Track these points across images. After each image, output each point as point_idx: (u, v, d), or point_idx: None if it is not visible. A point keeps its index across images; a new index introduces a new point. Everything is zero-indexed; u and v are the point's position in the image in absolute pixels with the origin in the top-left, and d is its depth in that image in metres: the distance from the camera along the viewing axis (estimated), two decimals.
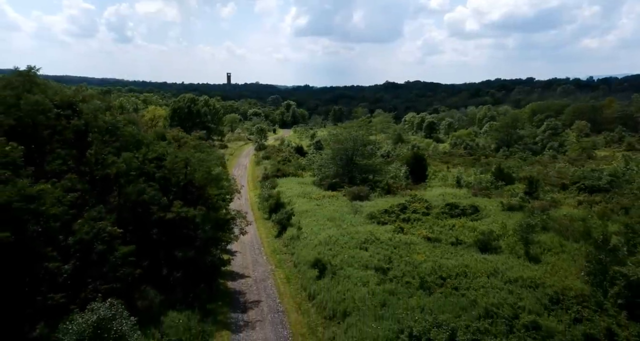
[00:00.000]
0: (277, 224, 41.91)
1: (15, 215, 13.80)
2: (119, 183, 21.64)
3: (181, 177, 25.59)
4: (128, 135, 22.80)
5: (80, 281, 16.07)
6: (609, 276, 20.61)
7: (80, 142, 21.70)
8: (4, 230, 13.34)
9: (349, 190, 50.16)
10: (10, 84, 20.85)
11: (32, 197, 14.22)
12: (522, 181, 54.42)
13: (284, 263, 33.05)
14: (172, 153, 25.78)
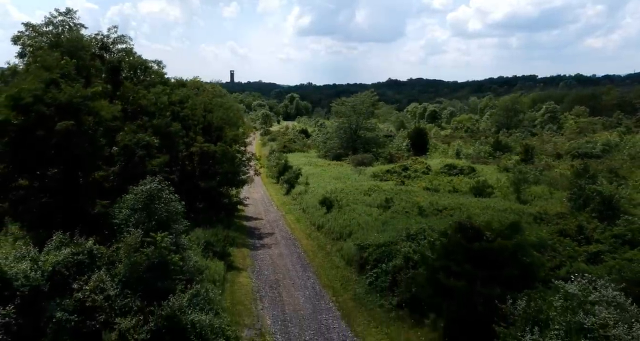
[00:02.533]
0: (285, 184, 44.42)
1: (75, 110, 16.43)
2: (149, 115, 24.21)
3: (201, 119, 28.21)
4: (155, 73, 25.43)
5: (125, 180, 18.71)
6: (585, 195, 23.09)
7: (114, 77, 24.30)
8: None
9: (352, 158, 52.83)
10: (51, 22, 23.40)
11: (87, 97, 16.86)
12: (520, 154, 56.74)
13: (293, 210, 35.60)
14: (192, 98, 28.39)
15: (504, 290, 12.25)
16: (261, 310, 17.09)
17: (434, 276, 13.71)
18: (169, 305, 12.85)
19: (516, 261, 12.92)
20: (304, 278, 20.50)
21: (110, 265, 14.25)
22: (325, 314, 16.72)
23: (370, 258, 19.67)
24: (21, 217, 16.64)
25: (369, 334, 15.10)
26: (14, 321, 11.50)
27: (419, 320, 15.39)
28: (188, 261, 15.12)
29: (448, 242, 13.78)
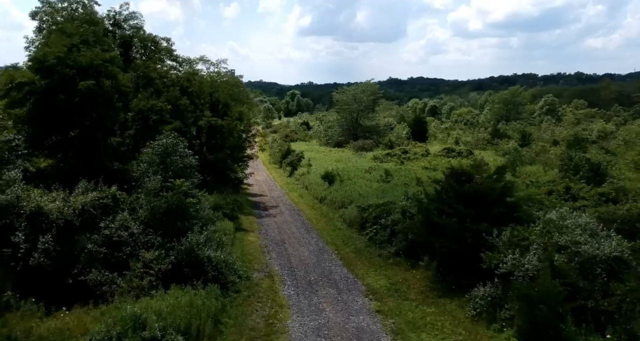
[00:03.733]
0: (288, 166, 45.67)
1: (95, 72, 17.72)
2: (159, 88, 25.47)
3: (207, 96, 29.51)
4: (165, 49, 26.73)
5: (139, 144, 20.01)
6: (575, 163, 24.36)
7: (125, 52, 25.56)
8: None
9: (354, 144, 54.18)
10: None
11: (107, 60, 18.15)
12: (517, 140, 57.85)
13: (297, 189, 36.87)
14: (199, 76, 29.68)
15: (491, 226, 13.51)
16: (269, 260, 18.38)
17: (428, 218, 15.01)
18: (187, 241, 14.16)
19: (503, 201, 14.21)
20: (307, 238, 21.78)
21: (132, 211, 15.55)
22: (328, 263, 18.00)
23: (370, 217, 20.97)
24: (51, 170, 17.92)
25: (368, 276, 16.38)
26: (52, 248, 12.83)
27: (414, 263, 16.70)
28: (201, 210, 16.40)
29: (441, 187, 15.07)
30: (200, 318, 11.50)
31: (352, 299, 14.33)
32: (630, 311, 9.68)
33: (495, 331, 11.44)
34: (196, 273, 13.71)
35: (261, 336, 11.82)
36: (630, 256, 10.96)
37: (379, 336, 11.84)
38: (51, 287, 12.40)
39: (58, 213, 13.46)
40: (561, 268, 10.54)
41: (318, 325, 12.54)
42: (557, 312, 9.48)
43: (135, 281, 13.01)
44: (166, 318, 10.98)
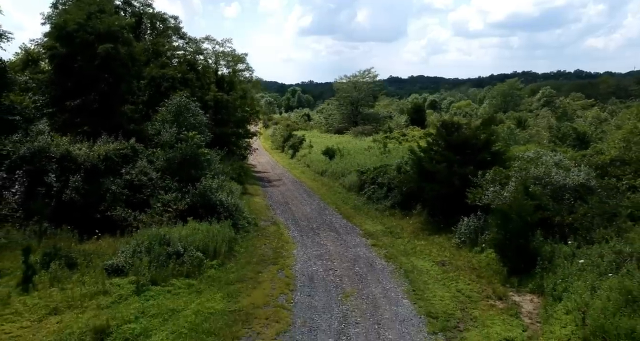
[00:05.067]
0: (290, 149, 47.12)
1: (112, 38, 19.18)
2: (167, 64, 26.88)
3: (212, 74, 30.93)
4: (173, 27, 28.16)
5: (151, 109, 21.46)
6: (562, 132, 25.77)
7: (136, 28, 26.96)
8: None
9: (354, 130, 55.63)
10: None
11: (123, 27, 19.62)
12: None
13: (298, 167, 38.34)
14: (205, 53, 31.13)
15: (476, 169, 14.94)
16: (274, 215, 19.83)
17: (420, 166, 16.46)
18: (201, 185, 15.63)
19: (488, 149, 15.65)
20: (309, 200, 23.23)
21: (150, 162, 17.00)
22: (329, 216, 19.45)
23: (368, 178, 22.43)
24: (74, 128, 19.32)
25: (365, 224, 17.83)
26: (82, 187, 14.31)
27: (407, 213, 18.17)
28: (212, 162, 17.85)
29: (433, 139, 16.52)
30: (216, 241, 12.96)
31: (350, 239, 15.78)
32: (589, 224, 11.11)
33: (476, 252, 12.90)
34: (210, 213, 15.15)
35: (270, 258, 13.27)
36: (596, 184, 12.40)
37: (373, 260, 13.29)
38: (82, 220, 13.85)
39: (85, 157, 14.93)
40: (534, 193, 11.97)
41: (320, 253, 14.00)
42: (527, 222, 10.94)
43: (156, 217, 14.46)
44: (186, 239, 12.45)
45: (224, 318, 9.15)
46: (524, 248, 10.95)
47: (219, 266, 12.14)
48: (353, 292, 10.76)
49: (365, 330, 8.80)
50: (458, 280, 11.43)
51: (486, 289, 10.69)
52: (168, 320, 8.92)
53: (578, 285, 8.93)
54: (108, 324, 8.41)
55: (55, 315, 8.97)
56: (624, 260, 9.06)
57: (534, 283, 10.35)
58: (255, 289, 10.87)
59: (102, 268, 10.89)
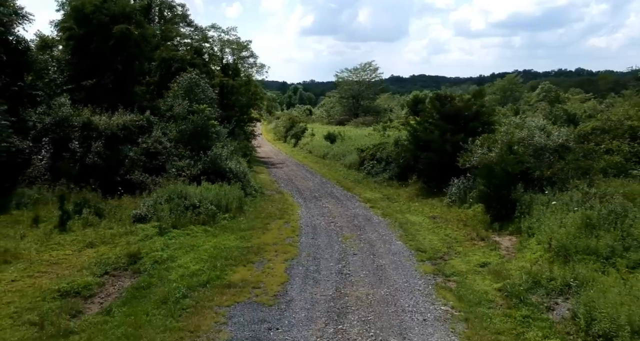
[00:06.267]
0: (292, 138, 48.36)
1: (126, 19, 20.44)
2: (176, 49, 28.10)
3: (218, 60, 32.18)
4: (181, 15, 29.42)
5: (162, 88, 22.71)
6: (554, 114, 26.94)
7: (146, 15, 28.19)
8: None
9: (354, 120, 56.89)
10: None
11: (136, 9, 20.89)
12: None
13: (301, 153, 39.60)
14: (211, 40, 32.38)
15: (467, 137, 16.15)
16: (279, 187, 21.07)
17: (416, 137, 17.69)
18: (212, 153, 16.87)
19: (479, 118, 16.86)
20: (311, 177, 24.48)
21: (163, 135, 18.24)
22: (330, 188, 20.69)
23: (367, 155, 23.66)
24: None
25: (364, 193, 19.06)
26: (103, 152, 15.57)
27: (403, 183, 19.40)
28: (221, 134, 19.08)
29: (427, 111, 17.73)
30: (227, 199, 14.22)
31: (350, 204, 17.02)
32: (565, 177, 12.32)
33: (465, 208, 14.14)
34: (221, 178, 16.37)
35: (277, 215, 14.53)
36: (574, 144, 13.61)
37: (371, 217, 14.54)
38: (104, 182, 15.10)
39: (105, 126, 16.20)
40: (517, 151, 13.19)
41: (322, 212, 15.25)
42: (509, 174, 12.17)
43: (172, 180, 15.71)
44: (201, 194, 13.71)
45: (239, 250, 10.42)
46: (506, 199, 12.18)
47: (231, 219, 13.40)
48: (352, 236, 12.02)
49: (362, 258, 10.05)
50: (447, 228, 12.67)
51: (471, 233, 11.93)
52: (189, 252, 10.18)
53: (549, 222, 10.15)
54: (139, 251, 9.68)
55: (91, 248, 10.23)
56: (589, 199, 10.29)
57: (513, 226, 11.57)
58: (264, 234, 12.13)
59: (128, 215, 12.16)
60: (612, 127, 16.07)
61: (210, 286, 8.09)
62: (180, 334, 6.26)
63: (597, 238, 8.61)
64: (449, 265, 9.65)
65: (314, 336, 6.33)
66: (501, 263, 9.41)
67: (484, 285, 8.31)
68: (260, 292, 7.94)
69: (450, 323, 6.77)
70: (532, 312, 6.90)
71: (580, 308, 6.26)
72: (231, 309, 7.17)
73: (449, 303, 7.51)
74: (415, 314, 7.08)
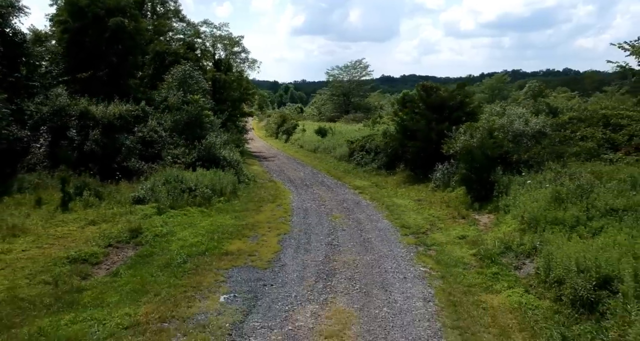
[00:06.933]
0: (284, 134, 48.93)
1: (121, 12, 20.89)
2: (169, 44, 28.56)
3: (210, 55, 32.67)
4: (173, 10, 29.88)
5: (156, 81, 23.19)
6: (537, 107, 27.87)
7: (139, 10, 28.59)
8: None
9: (345, 117, 57.62)
10: None
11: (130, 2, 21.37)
12: None
13: (292, 148, 40.21)
14: (203, 36, 32.86)
15: (451, 125, 16.91)
16: (271, 177, 21.69)
17: (403, 127, 18.43)
18: (206, 141, 17.45)
19: (462, 108, 17.64)
20: (302, 169, 25.13)
21: (158, 125, 18.75)
22: (321, 177, 21.37)
23: (357, 146, 24.37)
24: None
25: (354, 181, 19.76)
26: (100, 140, 16.07)
27: (392, 172, 20.13)
28: (215, 124, 19.65)
29: (413, 99, 18.48)
30: (222, 184, 14.82)
31: (340, 190, 17.70)
32: (541, 160, 13.13)
33: (448, 192, 14.91)
34: (215, 165, 16.97)
35: (270, 199, 15.17)
36: (550, 130, 14.44)
37: (359, 201, 15.25)
38: (102, 169, 15.59)
39: (102, 115, 16.70)
40: (497, 137, 13.98)
41: (313, 197, 15.92)
42: (489, 157, 12.94)
43: (167, 167, 16.25)
44: (197, 179, 14.30)
45: (234, 227, 11.05)
46: (486, 180, 12.96)
47: (226, 202, 14.02)
48: (341, 216, 12.71)
49: (350, 233, 10.74)
50: (430, 209, 13.42)
51: (453, 213, 12.68)
52: (188, 228, 10.79)
53: (523, 199, 10.93)
54: (140, 227, 10.26)
55: (94, 225, 10.78)
56: (560, 177, 11.08)
57: (492, 205, 12.34)
58: (258, 214, 12.77)
59: (127, 198, 12.71)
60: (588, 116, 16.93)
61: (209, 254, 8.73)
62: (183, 288, 6.89)
63: (565, 210, 9.38)
64: (430, 237, 10.38)
65: (305, 290, 7.00)
66: (478, 235, 10.17)
67: (460, 252, 9.05)
68: (256, 259, 8.59)
69: (428, 279, 7.48)
70: (501, 270, 7.65)
71: (540, 262, 7.00)
72: (229, 271, 7.81)
73: (428, 266, 8.23)
74: (396, 274, 7.79)
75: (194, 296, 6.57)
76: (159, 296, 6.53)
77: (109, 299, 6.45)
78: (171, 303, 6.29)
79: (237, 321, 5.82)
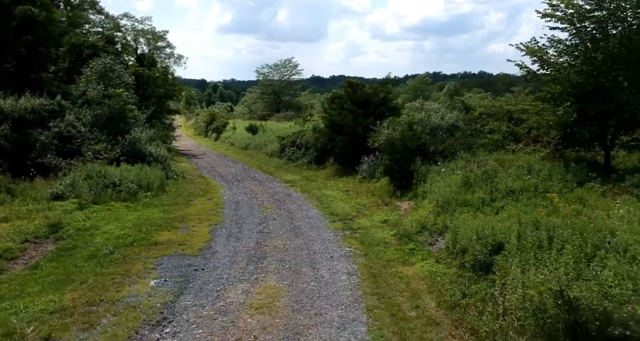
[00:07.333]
0: (213, 132, 48.01)
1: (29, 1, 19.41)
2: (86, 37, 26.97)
3: (132, 50, 31.34)
4: (89, 1, 28.24)
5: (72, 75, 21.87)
6: (452, 106, 30.08)
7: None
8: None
9: (276, 116, 57.79)
10: None
11: None
12: None
13: (223, 146, 39.66)
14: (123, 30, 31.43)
15: (376, 120, 17.89)
16: (201, 173, 21.38)
17: (332, 121, 19.13)
18: (130, 136, 16.84)
19: (386, 104, 18.71)
20: (234, 165, 25.01)
21: (77, 120, 17.73)
22: (252, 173, 21.48)
23: (288, 142, 24.77)
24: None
25: (285, 176, 20.14)
26: (10, 135, 14.90)
27: (322, 166, 20.79)
28: (139, 120, 18.99)
29: (341, 96, 19.25)
30: (149, 178, 14.45)
31: (271, 184, 17.98)
32: (454, 150, 14.44)
33: (374, 182, 15.80)
34: (141, 161, 16.45)
35: (200, 194, 15.06)
36: (462, 124, 15.88)
37: (290, 193, 15.65)
38: (13, 165, 14.47)
39: (11, 108, 15.48)
40: (416, 130, 15.08)
41: (244, 191, 16.05)
42: (409, 149, 13.96)
43: (88, 163, 15.48)
44: (121, 174, 13.82)
45: (163, 219, 10.93)
46: (407, 170, 13.97)
47: (153, 197, 13.71)
48: (272, 207, 13.02)
49: (281, 222, 11.10)
50: (357, 198, 14.18)
51: (377, 201, 13.52)
52: (113, 222, 10.48)
53: (438, 185, 11.98)
54: (60, 222, 9.80)
55: (6, 222, 10.08)
56: (469, 165, 12.31)
57: (411, 193, 13.35)
58: (188, 208, 12.69)
59: (43, 194, 11.99)
60: (495, 111, 18.78)
61: (137, 245, 8.62)
62: (111, 276, 6.81)
63: (473, 193, 10.48)
64: (356, 222, 11.05)
65: (236, 272, 7.24)
66: (399, 219, 11.01)
67: (382, 234, 9.78)
68: (187, 247, 8.65)
69: (352, 257, 8.06)
70: (416, 246, 8.44)
71: (449, 237, 7.87)
72: (159, 259, 7.82)
73: (353, 246, 8.83)
74: (324, 254, 8.28)
75: (123, 282, 6.54)
76: (85, 284, 6.41)
77: (30, 289, 6.21)
78: (99, 289, 6.22)
79: (169, 302, 5.93)
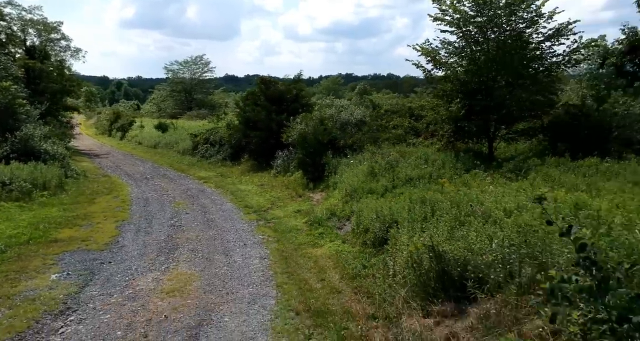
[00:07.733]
0: (118, 132, 45.07)
1: None
2: None
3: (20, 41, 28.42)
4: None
5: None
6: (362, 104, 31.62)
7: None
8: None
9: (188, 114, 55.78)
10: None
11: None
12: None
13: (130, 146, 37.43)
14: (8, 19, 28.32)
15: (289, 116, 18.30)
16: (105, 172, 20.10)
17: (246, 118, 19.16)
18: (21, 133, 15.36)
19: (299, 101, 19.20)
20: (142, 164, 23.80)
21: None
22: (163, 171, 20.68)
23: (201, 139, 24.22)
24: None
25: (198, 173, 19.72)
26: None
27: (237, 162, 20.72)
28: (31, 115, 17.37)
29: (254, 92, 19.37)
30: (45, 177, 13.34)
31: (184, 181, 17.52)
32: (362, 144, 15.37)
33: (288, 176, 16.20)
34: (35, 159, 15.08)
35: (104, 192, 14.24)
36: (369, 120, 16.92)
37: (204, 189, 15.45)
38: None
39: None
40: (327, 125, 15.76)
41: (154, 188, 15.48)
42: (320, 142, 14.55)
43: None
44: (12, 173, 12.60)
45: (63, 217, 10.24)
46: (318, 163, 14.55)
47: (51, 196, 12.70)
48: (185, 203, 12.79)
49: (194, 216, 11.00)
50: (272, 191, 14.45)
51: (291, 193, 13.93)
52: (4, 222, 9.59)
53: (347, 175, 12.71)
54: None
55: None
56: (375, 156, 13.23)
57: (323, 184, 13.96)
58: (91, 206, 11.98)
59: None
60: (399, 109, 20.24)
61: (34, 243, 8.04)
62: (4, 274, 6.33)
63: (377, 181, 11.32)
64: (270, 213, 11.33)
65: (146, 263, 7.12)
66: (311, 208, 11.51)
67: (295, 222, 10.19)
68: (91, 243, 8.25)
69: (265, 244, 8.33)
70: (326, 231, 8.97)
71: (355, 220, 8.51)
72: (60, 255, 7.39)
73: (266, 234, 9.10)
74: (237, 242, 8.44)
75: (18, 278, 6.12)
76: None
77: None
78: None
79: (73, 293, 5.70)
